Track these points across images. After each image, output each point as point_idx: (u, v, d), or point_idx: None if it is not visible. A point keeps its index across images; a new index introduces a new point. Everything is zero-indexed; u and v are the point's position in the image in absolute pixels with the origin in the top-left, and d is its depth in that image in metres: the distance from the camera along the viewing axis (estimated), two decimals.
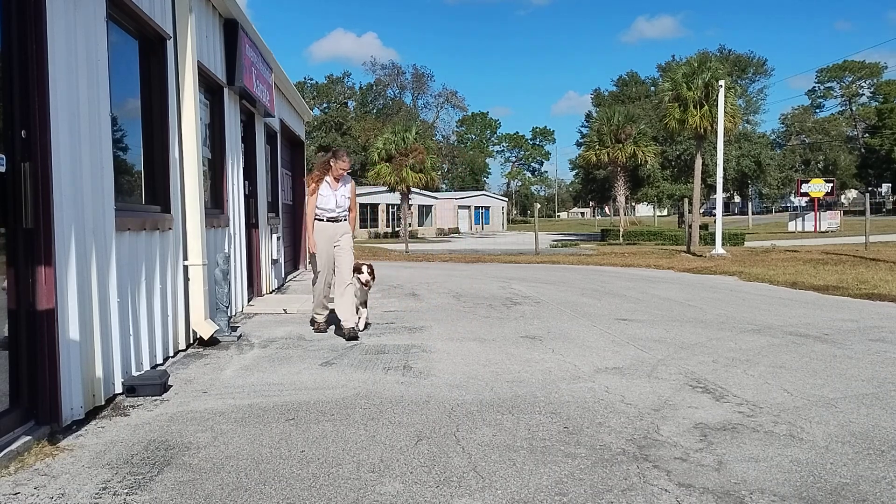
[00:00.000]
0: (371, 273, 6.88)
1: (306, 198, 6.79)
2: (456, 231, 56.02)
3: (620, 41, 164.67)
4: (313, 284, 6.92)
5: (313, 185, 6.70)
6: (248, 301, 9.02)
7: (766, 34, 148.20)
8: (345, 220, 6.76)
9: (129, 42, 5.27)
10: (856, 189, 76.80)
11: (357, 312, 6.69)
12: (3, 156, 3.35)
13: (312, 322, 6.96)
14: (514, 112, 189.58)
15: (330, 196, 6.66)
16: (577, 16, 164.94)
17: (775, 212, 74.20)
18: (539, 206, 36.34)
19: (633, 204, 62.05)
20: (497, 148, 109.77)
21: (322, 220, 6.69)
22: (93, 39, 4.21)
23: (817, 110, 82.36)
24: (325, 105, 77.04)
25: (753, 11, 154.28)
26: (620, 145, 35.54)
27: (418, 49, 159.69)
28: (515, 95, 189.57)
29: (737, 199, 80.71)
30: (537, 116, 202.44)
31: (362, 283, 6.73)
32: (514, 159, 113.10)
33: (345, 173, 6.74)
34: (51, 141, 3.60)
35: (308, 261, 6.93)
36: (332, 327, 6.84)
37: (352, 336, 6.36)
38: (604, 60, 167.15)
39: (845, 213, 48.18)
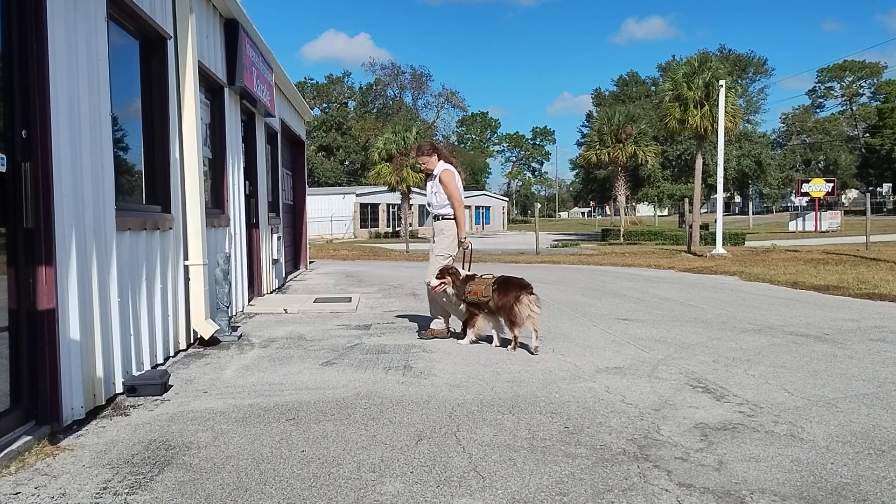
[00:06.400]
0: (444, 275, 6.05)
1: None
2: None
3: (611, 43, 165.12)
4: None
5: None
6: (249, 301, 9.02)
7: (762, 34, 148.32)
8: (440, 218, 6.31)
9: (130, 42, 5.27)
10: (856, 189, 76.74)
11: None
12: (4, 155, 3.36)
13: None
14: (510, 112, 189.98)
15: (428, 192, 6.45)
16: (568, 17, 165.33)
17: (776, 212, 74.14)
18: (539, 205, 36.30)
19: (634, 204, 62.04)
20: (497, 148, 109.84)
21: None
22: (93, 39, 4.21)
23: (818, 110, 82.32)
24: (325, 105, 77.04)
25: (746, 11, 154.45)
26: (621, 145, 35.52)
27: (411, 50, 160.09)
28: (511, 96, 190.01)
29: (737, 198, 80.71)
30: (534, 117, 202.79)
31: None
32: (514, 159, 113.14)
33: (426, 167, 6.38)
34: (51, 141, 3.60)
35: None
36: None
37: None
38: (596, 62, 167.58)
39: (846, 212, 48.11)
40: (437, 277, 6.02)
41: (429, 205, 6.41)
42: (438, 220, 6.33)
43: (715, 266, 14.78)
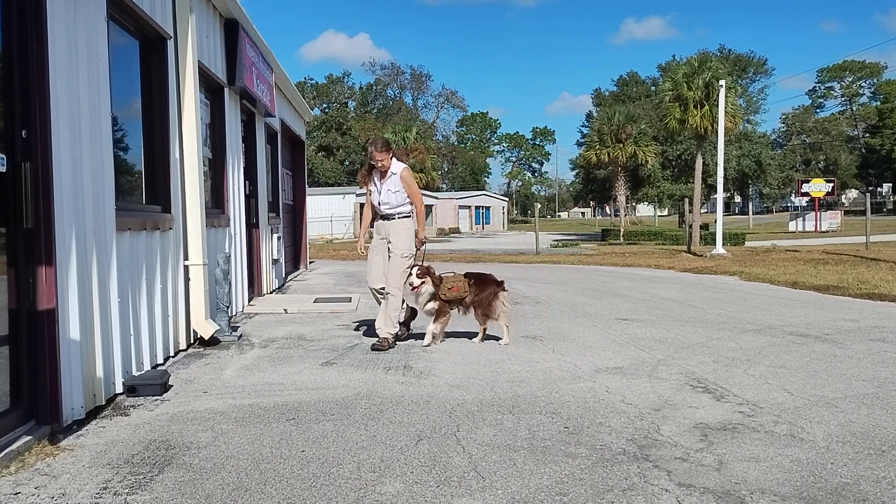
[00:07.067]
0: (424, 275, 6.04)
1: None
2: (457, 231, 55.96)
3: (610, 43, 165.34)
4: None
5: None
6: (249, 301, 9.02)
7: (762, 34, 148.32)
8: (396, 217, 6.12)
9: (130, 42, 5.27)
10: (856, 189, 76.71)
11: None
12: (4, 155, 3.36)
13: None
14: (509, 112, 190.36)
15: (374, 191, 6.21)
16: (567, 17, 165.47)
17: (776, 212, 74.09)
18: (539, 205, 36.29)
19: (634, 204, 62.02)
20: (497, 148, 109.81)
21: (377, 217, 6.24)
22: (93, 39, 4.21)
23: (818, 110, 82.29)
24: (325, 105, 77.04)
25: (746, 11, 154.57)
26: (621, 145, 35.53)
27: (411, 50, 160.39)
28: (509, 96, 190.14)
29: (737, 198, 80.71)
30: (533, 117, 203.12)
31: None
32: (514, 159, 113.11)
33: (382, 164, 6.05)
34: (51, 141, 3.60)
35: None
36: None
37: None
38: (596, 62, 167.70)
39: (846, 212, 48.07)
40: (418, 276, 6.00)
41: (383, 204, 6.10)
42: (393, 219, 6.11)
43: (715, 266, 14.78)
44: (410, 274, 6.03)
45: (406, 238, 6.11)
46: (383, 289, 6.11)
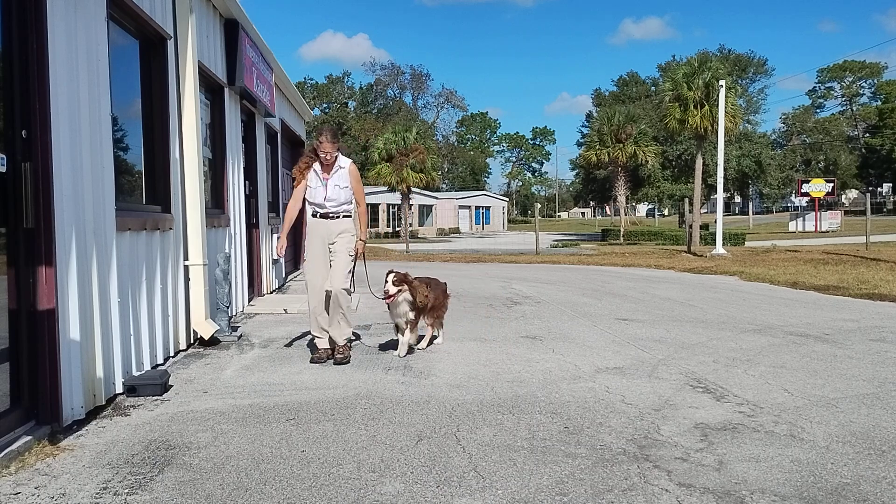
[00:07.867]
0: (402, 282, 5.53)
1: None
2: (456, 231, 56.01)
3: (608, 43, 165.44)
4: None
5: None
6: (249, 301, 9.02)
7: (762, 34, 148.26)
8: (340, 216, 5.59)
9: (130, 42, 5.27)
10: (856, 189, 76.73)
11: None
12: (4, 155, 3.36)
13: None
14: (507, 112, 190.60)
15: (316, 187, 5.54)
16: (565, 17, 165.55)
17: (776, 212, 74.05)
18: (539, 206, 36.28)
19: (634, 204, 62.02)
20: (497, 148, 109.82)
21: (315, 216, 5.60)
22: (93, 39, 4.21)
23: (818, 110, 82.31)
24: (325, 105, 77.06)
25: (746, 11, 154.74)
26: (621, 145, 35.53)
27: (410, 50, 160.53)
28: (508, 96, 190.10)
29: (737, 199, 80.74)
30: (533, 117, 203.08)
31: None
32: (514, 159, 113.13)
33: (330, 155, 5.47)
34: (51, 141, 3.60)
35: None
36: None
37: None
38: (594, 62, 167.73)
39: (846, 213, 48.10)
40: (394, 284, 5.47)
41: (329, 200, 5.50)
42: (336, 218, 5.55)
43: (715, 266, 14.78)
44: (386, 281, 5.49)
45: (349, 239, 5.61)
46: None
